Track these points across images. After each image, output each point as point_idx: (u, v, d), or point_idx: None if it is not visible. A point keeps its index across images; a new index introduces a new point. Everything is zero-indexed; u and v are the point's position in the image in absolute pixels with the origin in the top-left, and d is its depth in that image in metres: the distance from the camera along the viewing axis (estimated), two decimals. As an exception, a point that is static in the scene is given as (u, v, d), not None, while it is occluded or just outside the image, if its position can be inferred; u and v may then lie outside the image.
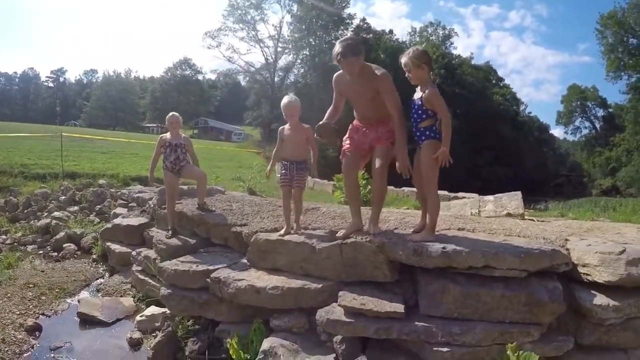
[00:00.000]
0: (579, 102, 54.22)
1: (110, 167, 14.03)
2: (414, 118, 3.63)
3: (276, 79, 53.28)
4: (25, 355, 4.10)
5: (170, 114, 5.67)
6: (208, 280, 4.08)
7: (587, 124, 55.04)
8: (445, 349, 3.12)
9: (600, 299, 3.18)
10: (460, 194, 12.62)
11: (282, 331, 3.63)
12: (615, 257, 3.19)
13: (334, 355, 3.38)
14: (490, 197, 10.31)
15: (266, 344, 3.45)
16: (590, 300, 3.20)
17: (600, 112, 54.07)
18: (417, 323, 3.24)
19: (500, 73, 63.91)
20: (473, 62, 58.62)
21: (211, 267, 4.25)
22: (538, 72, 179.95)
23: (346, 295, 3.48)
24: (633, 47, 39.54)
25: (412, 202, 10.16)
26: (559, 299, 3.21)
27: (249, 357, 3.67)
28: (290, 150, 4.33)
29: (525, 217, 7.93)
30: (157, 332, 4.43)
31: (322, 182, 16.67)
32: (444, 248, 3.37)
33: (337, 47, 3.64)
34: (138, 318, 4.79)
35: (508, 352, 2.91)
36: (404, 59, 3.52)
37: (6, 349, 4.06)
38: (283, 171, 4.32)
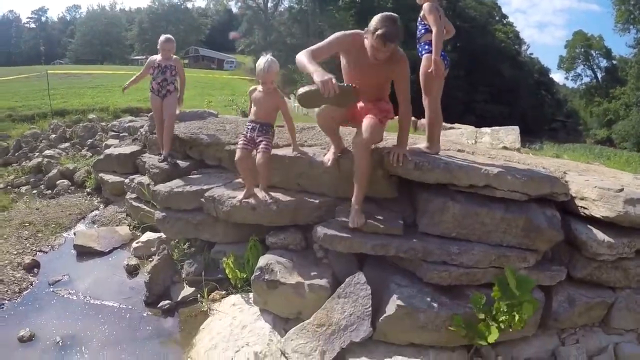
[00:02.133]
0: (583, 50, 52.66)
1: (100, 101, 13.58)
2: (418, 33, 3.66)
3: (269, 4, 50.68)
4: (25, 293, 4.09)
5: (163, 36, 5.36)
6: (202, 200, 3.97)
7: (589, 72, 53.87)
8: (442, 268, 3.06)
9: (596, 233, 3.17)
10: (457, 125, 12.53)
11: (279, 248, 3.58)
12: (614, 194, 3.16)
13: (330, 271, 3.36)
14: (487, 129, 10.22)
15: (262, 260, 3.40)
16: (586, 234, 3.19)
17: (604, 63, 52.75)
18: (415, 240, 3.17)
19: (504, 10, 62.10)
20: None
21: (205, 187, 4.14)
22: (544, 14, 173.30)
23: (344, 210, 3.37)
24: None
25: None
26: (557, 226, 3.18)
27: (245, 275, 3.65)
28: (258, 112, 3.83)
29: (522, 152, 7.77)
30: (153, 257, 4.42)
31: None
32: (445, 163, 3.25)
33: (383, 28, 2.90)
34: (134, 245, 4.78)
35: (507, 273, 2.89)
36: None
37: (5, 290, 4.04)
38: (246, 132, 3.83)
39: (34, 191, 7.43)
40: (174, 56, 5.40)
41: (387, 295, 3.04)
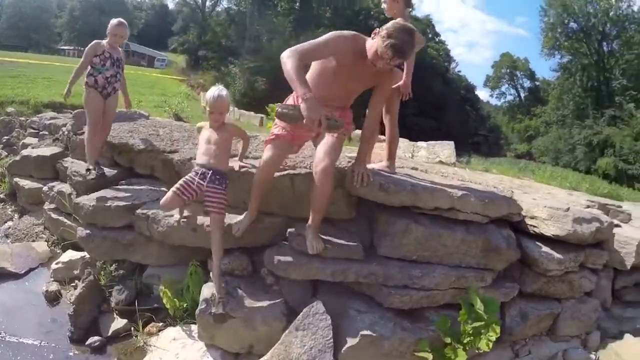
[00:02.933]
0: (508, 70, 56.96)
1: (20, 92, 12.22)
2: None
3: (207, 3, 49.53)
4: None
5: (116, 19, 4.38)
6: (134, 216, 3.49)
7: (512, 91, 58.64)
8: (403, 292, 2.95)
9: (545, 251, 3.30)
10: None
11: (223, 275, 3.13)
12: (563, 214, 3.37)
13: (283, 299, 3.04)
14: (424, 144, 10.55)
15: (206, 290, 2.98)
16: (537, 251, 3.31)
17: (527, 83, 57.34)
18: (375, 265, 2.99)
19: (437, 29, 65.22)
20: (412, 13, 57.43)
21: (137, 202, 3.65)
22: (474, 34, 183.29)
23: (297, 233, 3.06)
24: (571, 31, 41.48)
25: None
26: (514, 246, 3.27)
27: (186, 305, 3.23)
28: (206, 153, 3.11)
29: (456, 166, 7.93)
30: (76, 281, 3.88)
31: (248, 114, 15.67)
32: (412, 185, 3.08)
33: (398, 40, 2.60)
34: (54, 266, 4.14)
35: (471, 296, 2.92)
36: None
37: None
38: (190, 178, 3.08)
39: (-62, 198, 6.43)
40: (122, 49, 4.60)
41: (346, 324, 2.86)
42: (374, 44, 2.72)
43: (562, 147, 38.41)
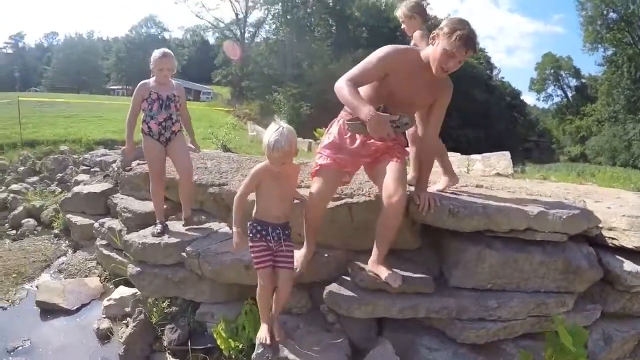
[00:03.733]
0: (552, 71, 54.87)
1: (73, 131, 12.89)
2: None
3: (246, 35, 50.73)
4: (-24, 363, 3.35)
5: (160, 51, 3.71)
6: (184, 254, 3.35)
7: (559, 92, 56.12)
8: (479, 326, 2.70)
9: (629, 266, 2.97)
10: None
11: (280, 313, 2.93)
12: None
13: (346, 338, 2.79)
14: (478, 157, 10.14)
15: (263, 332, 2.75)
16: (620, 267, 2.99)
17: (573, 82, 54.87)
18: (447, 298, 2.73)
19: None
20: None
21: (186, 239, 3.52)
22: (512, 38, 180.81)
23: (361, 267, 2.82)
24: (612, 21, 40.14)
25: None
26: (596, 265, 2.96)
27: (241, 345, 3.02)
28: (279, 210, 2.64)
29: (514, 177, 7.54)
30: (128, 318, 3.78)
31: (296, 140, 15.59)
32: (483, 207, 2.79)
33: (464, 30, 2.40)
34: (105, 303, 4.09)
35: (559, 329, 2.56)
36: (398, 12, 3.46)
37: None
38: (264, 239, 2.62)
39: (-3, 231, 6.65)
40: (175, 82, 3.92)
41: None
42: (436, 47, 2.50)
43: (617, 145, 36.77)
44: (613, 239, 3.12)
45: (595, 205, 3.56)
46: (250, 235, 2.61)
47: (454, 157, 11.41)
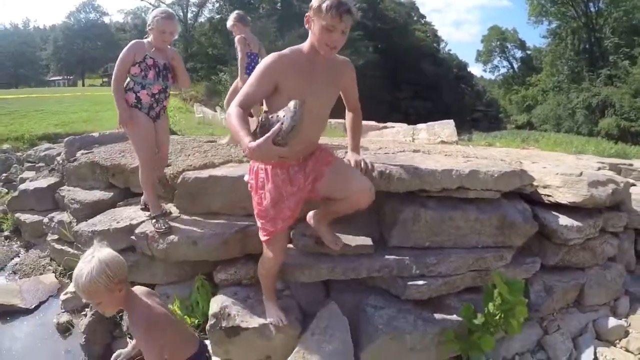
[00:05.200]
0: (498, 43, 56.70)
1: (14, 128, 12.17)
2: None
3: (189, 15, 48.97)
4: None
5: (164, 10, 3.29)
6: (133, 237, 3.36)
7: (505, 63, 58.27)
8: (421, 282, 2.81)
9: (564, 220, 3.16)
10: (389, 124, 12.84)
11: (230, 285, 3.04)
12: (576, 179, 3.25)
13: (295, 304, 2.91)
14: (423, 126, 10.50)
15: (215, 305, 2.84)
16: (555, 222, 3.16)
17: (519, 54, 57.05)
18: (387, 257, 2.86)
19: (421, 11, 66.35)
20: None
21: (134, 222, 3.51)
22: (458, 12, 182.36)
23: (303, 234, 2.92)
24: None
25: (340, 133, 9.40)
26: (530, 219, 3.13)
27: (197, 321, 3.10)
28: None
29: (458, 144, 7.79)
30: (86, 309, 3.75)
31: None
32: (415, 168, 2.93)
33: (334, 1, 2.14)
34: (62, 297, 4.04)
35: (495, 280, 2.70)
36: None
37: None
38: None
39: (-59, 242, 6.37)
40: (170, 47, 3.45)
41: (364, 321, 2.73)
42: (313, 28, 2.26)
43: (562, 113, 38.48)
44: (548, 195, 3.31)
45: (532, 165, 3.74)
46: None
47: (401, 128, 11.73)
